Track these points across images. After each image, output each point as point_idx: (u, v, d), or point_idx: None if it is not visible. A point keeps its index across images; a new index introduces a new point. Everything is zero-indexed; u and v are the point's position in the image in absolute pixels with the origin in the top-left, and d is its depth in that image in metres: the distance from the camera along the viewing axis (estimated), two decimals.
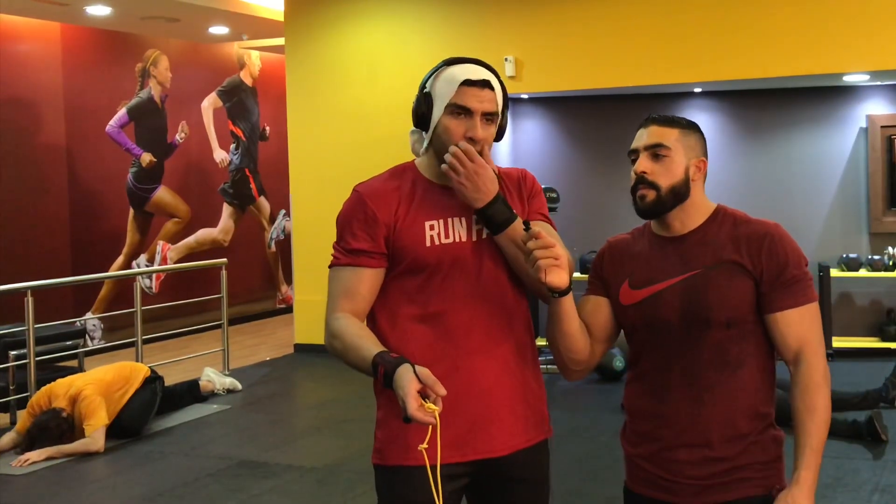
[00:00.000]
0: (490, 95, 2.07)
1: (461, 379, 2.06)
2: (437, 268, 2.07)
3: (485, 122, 2.07)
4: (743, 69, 7.06)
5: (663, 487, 2.01)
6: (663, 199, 1.99)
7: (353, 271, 2.07)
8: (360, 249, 2.06)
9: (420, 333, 2.07)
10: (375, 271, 2.07)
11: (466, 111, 2.05)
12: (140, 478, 5.07)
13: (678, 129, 2.02)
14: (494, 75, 2.11)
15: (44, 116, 8.62)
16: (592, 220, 8.08)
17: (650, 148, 2.00)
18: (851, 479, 4.60)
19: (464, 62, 2.10)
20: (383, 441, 2.11)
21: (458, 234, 2.09)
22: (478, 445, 2.08)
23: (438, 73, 2.11)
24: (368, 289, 2.07)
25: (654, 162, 2.00)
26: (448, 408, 2.01)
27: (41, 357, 6.33)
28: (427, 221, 2.08)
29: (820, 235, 7.83)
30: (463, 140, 2.05)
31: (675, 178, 1.99)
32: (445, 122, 2.07)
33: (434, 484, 1.89)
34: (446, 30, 7.93)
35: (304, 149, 8.61)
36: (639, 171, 1.99)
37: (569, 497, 4.36)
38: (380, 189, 2.11)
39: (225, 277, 7.73)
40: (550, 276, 1.92)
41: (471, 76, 2.06)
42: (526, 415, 2.14)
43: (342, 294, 2.07)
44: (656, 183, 1.98)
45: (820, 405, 1.93)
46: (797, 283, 1.96)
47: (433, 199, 2.11)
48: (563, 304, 2.00)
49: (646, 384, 2.05)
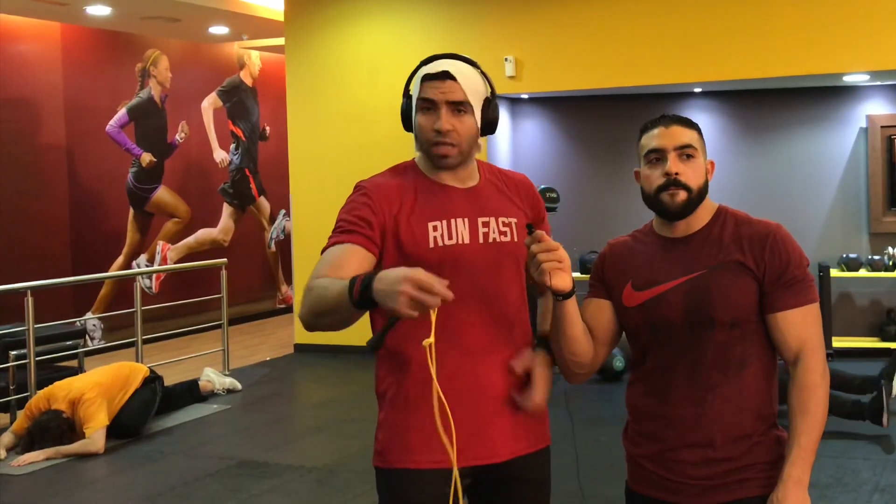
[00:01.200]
0: (452, 86, 2.04)
1: (463, 382, 2.05)
2: (440, 269, 2.01)
3: (453, 112, 2.05)
4: (743, 69, 7.06)
5: (666, 488, 2.01)
6: (693, 200, 1.99)
7: (345, 247, 2.00)
8: (355, 230, 2.01)
9: (422, 336, 2.04)
10: (368, 254, 2.00)
11: (432, 104, 2.05)
12: (140, 478, 5.07)
13: (697, 131, 2.04)
14: (471, 66, 2.10)
15: (44, 116, 8.62)
16: (592, 220, 8.08)
17: (681, 148, 1.99)
18: (851, 479, 4.60)
19: (437, 59, 2.11)
20: (384, 443, 2.09)
21: (462, 235, 2.08)
22: (478, 451, 2.06)
23: (415, 75, 2.13)
24: (359, 265, 1.96)
25: (683, 162, 1.99)
26: (450, 411, 2.00)
27: (41, 357, 6.33)
28: (430, 222, 2.07)
29: (820, 235, 7.82)
30: (431, 133, 2.05)
31: (702, 178, 2.01)
32: (418, 119, 2.09)
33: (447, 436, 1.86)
34: (446, 30, 7.93)
35: (304, 149, 8.60)
36: (672, 171, 1.97)
37: (569, 497, 4.36)
38: (383, 185, 2.10)
39: (225, 277, 7.73)
40: (555, 280, 1.91)
41: (431, 70, 2.06)
42: (527, 420, 2.12)
43: (328, 264, 1.97)
44: (688, 184, 1.98)
45: (814, 406, 1.93)
46: (799, 284, 1.96)
47: (435, 198, 2.10)
48: (567, 307, 1.99)
49: (649, 385, 2.05)
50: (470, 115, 2.07)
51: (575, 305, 2.01)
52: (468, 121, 2.07)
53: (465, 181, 2.14)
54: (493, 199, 2.15)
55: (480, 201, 2.13)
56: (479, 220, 2.10)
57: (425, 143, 2.08)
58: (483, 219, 2.11)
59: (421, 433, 2.03)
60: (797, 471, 1.90)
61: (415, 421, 2.04)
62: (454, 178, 2.13)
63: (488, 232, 2.10)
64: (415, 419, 2.04)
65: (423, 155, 2.13)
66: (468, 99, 2.06)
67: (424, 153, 2.11)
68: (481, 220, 2.10)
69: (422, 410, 2.01)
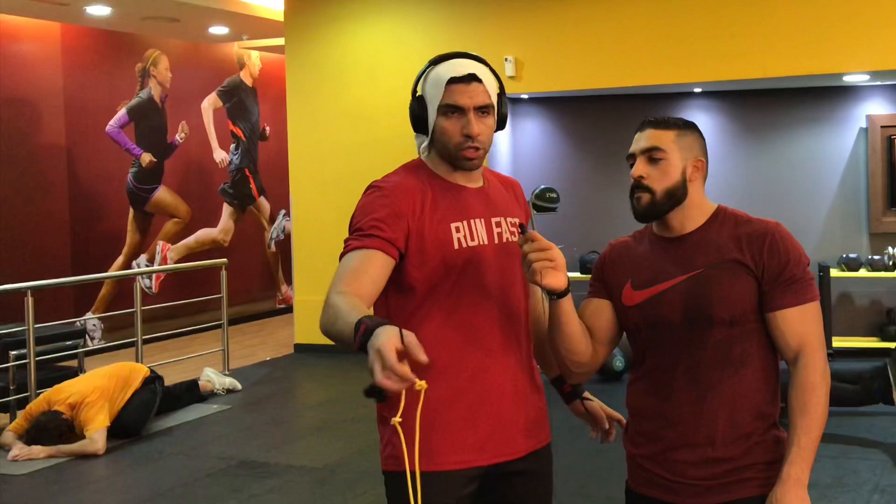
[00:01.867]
0: (479, 88, 2.04)
1: (484, 382, 2.05)
2: (464, 270, 2.04)
3: (479, 115, 2.04)
4: (743, 69, 7.06)
5: (666, 488, 2.01)
6: (658, 202, 2.00)
7: (363, 253, 1.93)
8: (376, 235, 1.94)
9: (447, 337, 2.03)
10: (387, 259, 1.95)
11: (459, 109, 2.03)
12: (140, 478, 5.07)
13: (674, 131, 2.03)
14: (483, 64, 2.09)
15: (44, 116, 8.62)
16: (592, 221, 8.08)
17: (646, 152, 2.01)
18: (851, 479, 4.60)
19: (448, 58, 2.08)
20: (399, 447, 1.99)
21: (481, 236, 2.07)
22: (499, 448, 2.07)
23: (427, 75, 2.10)
24: (378, 271, 1.92)
25: (649, 165, 2.00)
26: (472, 411, 2.01)
27: (41, 357, 6.33)
28: (452, 223, 2.05)
29: (820, 235, 7.82)
30: (461, 138, 2.03)
31: (671, 180, 2.00)
32: (440, 123, 2.05)
33: (413, 487, 1.74)
34: (446, 30, 7.93)
35: (304, 149, 8.60)
36: (635, 175, 2.00)
37: (569, 497, 4.36)
38: (401, 184, 2.06)
39: (225, 277, 7.72)
40: (547, 279, 1.92)
41: (455, 73, 2.03)
42: (537, 416, 2.15)
43: (348, 272, 1.90)
44: (651, 187, 1.99)
45: (814, 405, 1.92)
46: (798, 282, 1.96)
47: (453, 199, 2.08)
48: (562, 306, 2.00)
49: (649, 384, 2.05)
50: (491, 115, 2.08)
51: (571, 304, 2.01)
52: (490, 122, 2.08)
53: (475, 181, 2.15)
54: (501, 200, 2.16)
55: (491, 202, 2.14)
56: (492, 221, 2.10)
57: (452, 147, 2.05)
58: (496, 219, 2.11)
59: (443, 434, 2.02)
60: (796, 470, 1.89)
61: (437, 423, 2.00)
62: (466, 178, 2.12)
63: (501, 232, 2.11)
64: (436, 420, 2.00)
65: (438, 156, 2.10)
66: (492, 101, 2.07)
67: (446, 155, 2.08)
68: (494, 220, 2.11)
69: (444, 413, 2.01)
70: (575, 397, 2.30)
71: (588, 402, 2.30)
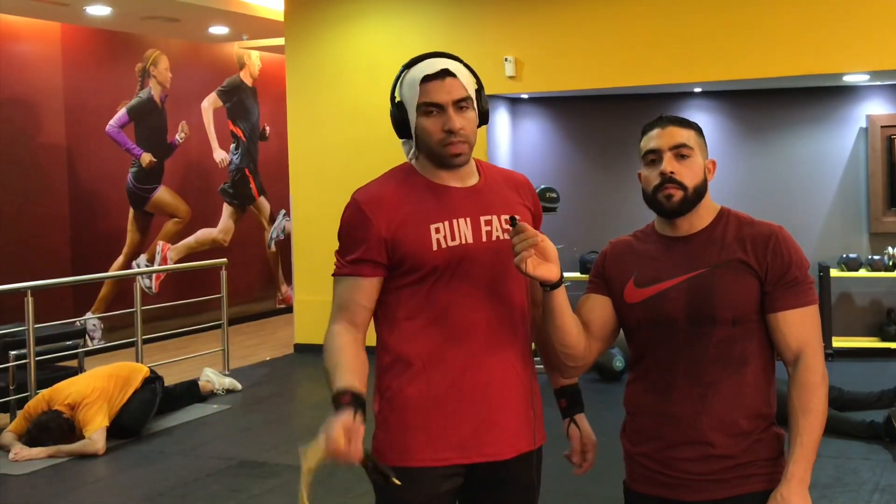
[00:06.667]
0: (454, 82, 2.05)
1: (468, 381, 2.05)
2: (444, 271, 2.05)
3: (459, 110, 2.05)
4: (743, 69, 7.06)
5: (665, 484, 2.02)
6: (689, 199, 2.01)
7: (351, 282, 2.08)
8: (357, 259, 2.06)
9: (426, 337, 2.05)
10: (373, 280, 2.07)
11: (437, 106, 2.04)
12: (140, 478, 5.07)
13: (694, 131, 2.05)
14: (457, 61, 2.10)
15: (44, 116, 8.62)
16: (592, 220, 8.08)
17: (675, 148, 2.01)
18: (851, 479, 4.60)
19: (421, 59, 2.10)
20: (382, 441, 2.09)
21: (464, 235, 2.07)
22: (482, 448, 2.07)
23: (402, 79, 2.12)
24: (366, 298, 2.08)
25: (678, 162, 2.01)
26: (454, 410, 2.02)
27: (41, 357, 6.32)
28: (432, 224, 2.06)
29: (820, 235, 7.82)
30: (442, 134, 2.04)
31: (698, 177, 2.02)
32: (421, 123, 2.06)
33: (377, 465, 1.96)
34: (446, 30, 7.93)
35: (304, 149, 8.60)
36: (667, 171, 2.00)
37: (569, 497, 4.36)
38: (377, 194, 2.09)
39: (225, 277, 7.73)
40: (538, 270, 1.93)
41: (428, 71, 2.05)
42: (529, 418, 2.13)
43: (340, 306, 2.09)
44: (683, 182, 2.00)
45: (815, 405, 1.94)
46: (800, 285, 1.98)
47: (436, 200, 2.09)
48: (555, 298, 2.00)
49: (648, 382, 2.06)
50: (471, 109, 2.08)
51: (564, 296, 2.01)
52: (471, 115, 2.08)
53: (466, 180, 2.14)
54: (496, 197, 2.15)
55: (482, 199, 2.13)
56: (481, 219, 2.09)
57: (435, 145, 2.06)
58: (485, 217, 2.10)
59: (421, 432, 2.04)
60: (800, 469, 1.91)
61: (414, 421, 2.05)
62: (456, 177, 2.12)
63: (491, 230, 2.10)
64: (414, 419, 2.05)
65: (426, 157, 2.11)
66: (470, 94, 2.07)
67: (432, 155, 2.09)
68: (483, 219, 2.10)
69: (423, 410, 2.04)
70: (566, 416, 2.27)
71: (573, 426, 2.26)
